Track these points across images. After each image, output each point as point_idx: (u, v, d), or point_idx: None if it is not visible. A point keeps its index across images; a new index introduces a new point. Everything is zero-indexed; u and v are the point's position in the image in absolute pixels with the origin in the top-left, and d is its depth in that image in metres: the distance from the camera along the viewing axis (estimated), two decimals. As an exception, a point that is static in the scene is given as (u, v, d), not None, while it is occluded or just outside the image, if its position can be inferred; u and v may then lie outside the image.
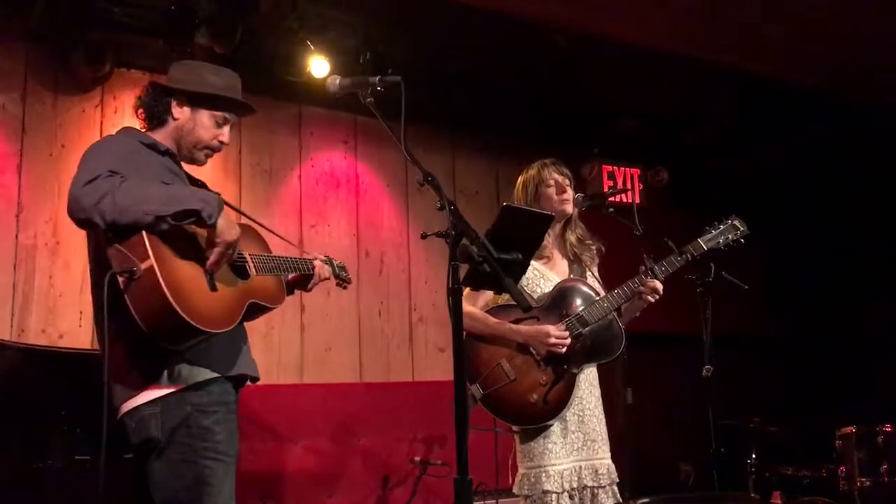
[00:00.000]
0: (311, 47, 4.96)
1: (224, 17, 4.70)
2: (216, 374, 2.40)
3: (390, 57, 5.09)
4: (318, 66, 5.00)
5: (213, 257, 2.33)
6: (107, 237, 2.26)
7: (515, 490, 3.04)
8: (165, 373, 2.35)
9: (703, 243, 3.25)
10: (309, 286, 2.89)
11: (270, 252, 2.70)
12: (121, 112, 5.02)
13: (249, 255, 2.57)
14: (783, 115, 6.31)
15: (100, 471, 2.21)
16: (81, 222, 2.23)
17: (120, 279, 2.20)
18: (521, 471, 3.04)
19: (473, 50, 5.33)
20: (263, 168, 5.51)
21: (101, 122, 4.98)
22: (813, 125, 6.41)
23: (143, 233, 2.21)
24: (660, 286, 3.14)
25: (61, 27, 4.67)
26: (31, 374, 3.62)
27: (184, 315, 2.18)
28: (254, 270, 2.55)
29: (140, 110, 2.65)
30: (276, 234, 2.99)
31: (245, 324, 2.65)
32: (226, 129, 2.68)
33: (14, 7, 4.60)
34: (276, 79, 5.27)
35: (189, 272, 2.30)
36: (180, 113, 2.61)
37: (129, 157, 2.41)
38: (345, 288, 3.18)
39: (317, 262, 2.88)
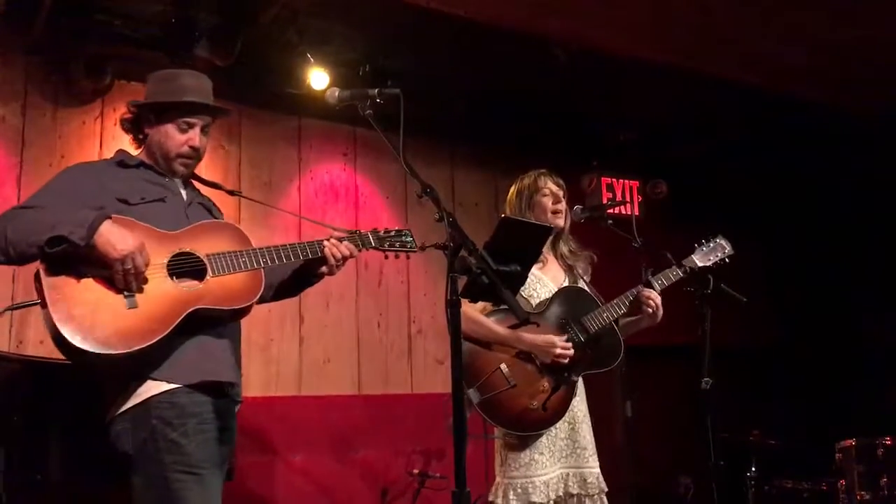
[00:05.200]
0: (311, 60, 4.97)
1: (224, 30, 4.71)
2: (176, 385, 2.36)
3: (390, 69, 5.11)
4: (318, 78, 5.02)
5: (114, 276, 2.30)
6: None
7: (500, 500, 2.99)
8: (128, 387, 2.35)
9: (697, 260, 3.31)
10: (325, 270, 2.71)
11: (250, 246, 2.56)
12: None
13: (208, 255, 2.47)
14: (784, 126, 6.33)
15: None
16: None
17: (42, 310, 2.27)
18: (504, 480, 3.01)
19: (473, 63, 5.34)
20: (263, 180, 5.51)
21: (101, 134, 4.99)
22: (814, 137, 6.42)
23: (39, 264, 2.27)
24: (658, 297, 3.16)
25: (61, 39, 4.67)
26: (30, 386, 3.61)
27: (73, 341, 2.20)
28: (210, 272, 2.45)
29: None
30: (311, 221, 2.96)
31: (239, 332, 2.63)
32: (192, 132, 2.62)
33: (14, 19, 4.61)
34: (275, 91, 5.29)
35: (92, 296, 2.29)
36: (149, 128, 2.64)
37: (76, 183, 2.46)
38: (408, 257, 2.89)
39: (328, 243, 2.66)
